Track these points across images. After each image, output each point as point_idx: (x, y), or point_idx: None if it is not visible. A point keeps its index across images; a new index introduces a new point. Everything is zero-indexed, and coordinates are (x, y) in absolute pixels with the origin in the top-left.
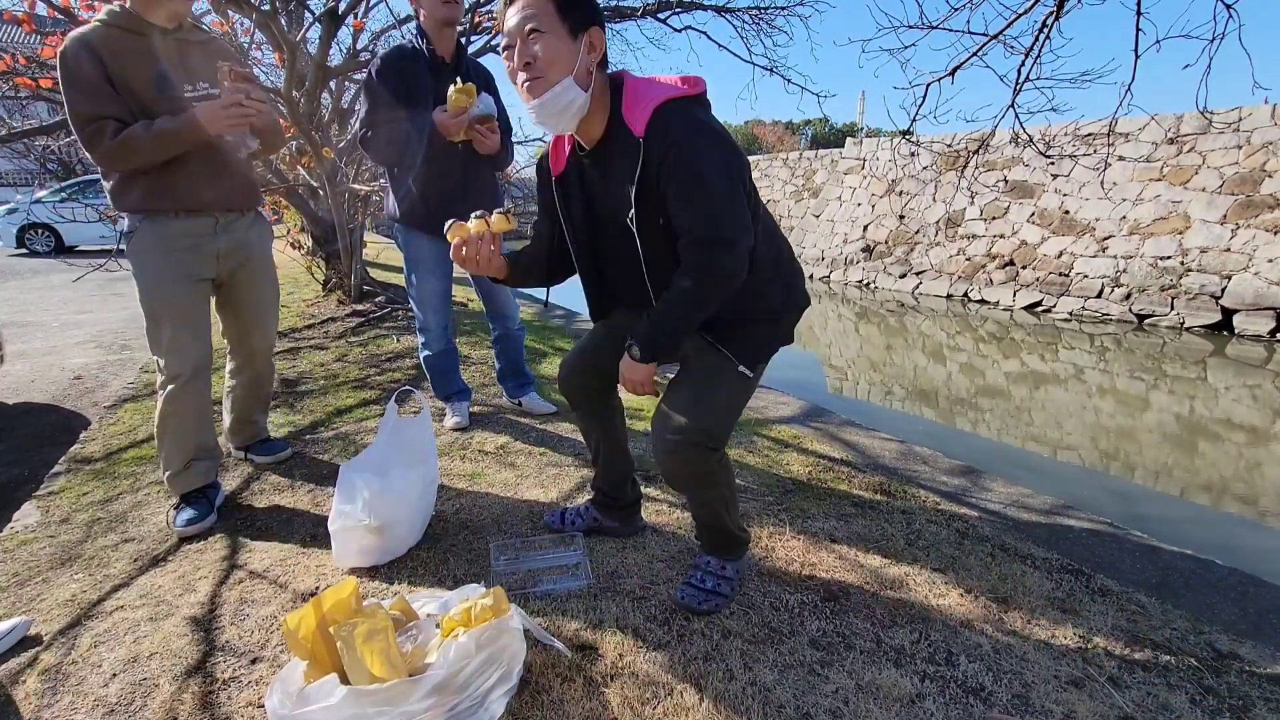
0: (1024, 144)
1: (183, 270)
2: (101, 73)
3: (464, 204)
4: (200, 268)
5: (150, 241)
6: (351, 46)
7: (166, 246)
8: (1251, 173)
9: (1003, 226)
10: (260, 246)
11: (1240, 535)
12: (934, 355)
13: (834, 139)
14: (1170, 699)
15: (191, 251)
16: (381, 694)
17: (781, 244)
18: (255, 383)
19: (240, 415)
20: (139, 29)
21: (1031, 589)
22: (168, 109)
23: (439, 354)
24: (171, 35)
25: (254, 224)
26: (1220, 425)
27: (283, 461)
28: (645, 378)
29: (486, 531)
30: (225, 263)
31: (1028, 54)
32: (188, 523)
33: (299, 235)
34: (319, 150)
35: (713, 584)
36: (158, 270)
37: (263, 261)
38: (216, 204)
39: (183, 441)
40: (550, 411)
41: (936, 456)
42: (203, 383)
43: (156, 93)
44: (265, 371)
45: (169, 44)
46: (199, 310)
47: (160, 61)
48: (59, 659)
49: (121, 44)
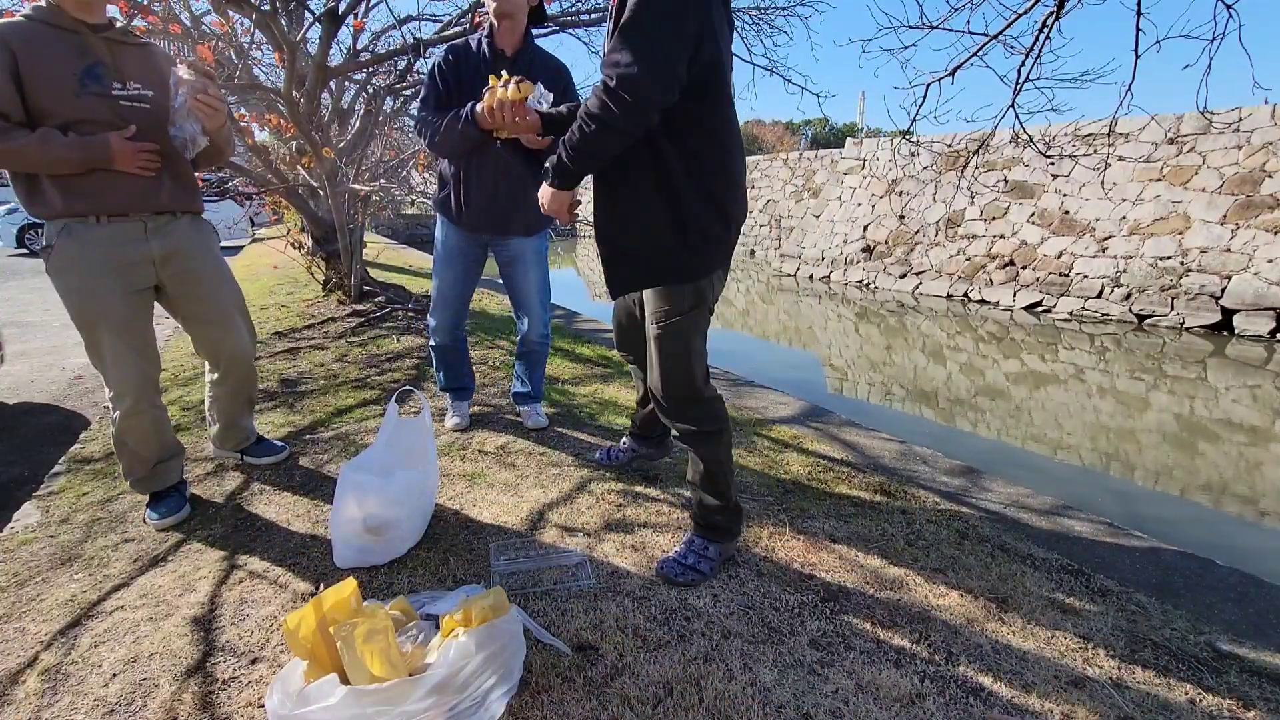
0: (1024, 144)
1: (114, 282)
2: (8, 66)
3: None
4: (134, 277)
5: (73, 255)
6: (351, 46)
7: (92, 258)
8: (1251, 173)
9: (1003, 227)
10: (202, 248)
11: (1240, 535)
12: (934, 355)
13: (834, 139)
14: (1170, 699)
15: (120, 260)
16: (381, 694)
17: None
18: (239, 389)
19: (227, 423)
20: (64, 24)
21: (1031, 589)
22: (91, 106)
23: (442, 347)
24: (102, 33)
25: (191, 226)
26: (1220, 425)
27: (281, 462)
28: (560, 206)
29: (486, 531)
30: (164, 269)
31: (1028, 54)
32: (161, 518)
33: (299, 235)
34: (319, 150)
35: (693, 560)
36: (86, 286)
37: (208, 263)
38: (144, 206)
39: (143, 452)
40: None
41: (936, 456)
42: (152, 396)
43: (80, 88)
44: (248, 376)
45: (98, 41)
46: (139, 322)
47: (88, 57)
48: (59, 659)
49: (41, 38)
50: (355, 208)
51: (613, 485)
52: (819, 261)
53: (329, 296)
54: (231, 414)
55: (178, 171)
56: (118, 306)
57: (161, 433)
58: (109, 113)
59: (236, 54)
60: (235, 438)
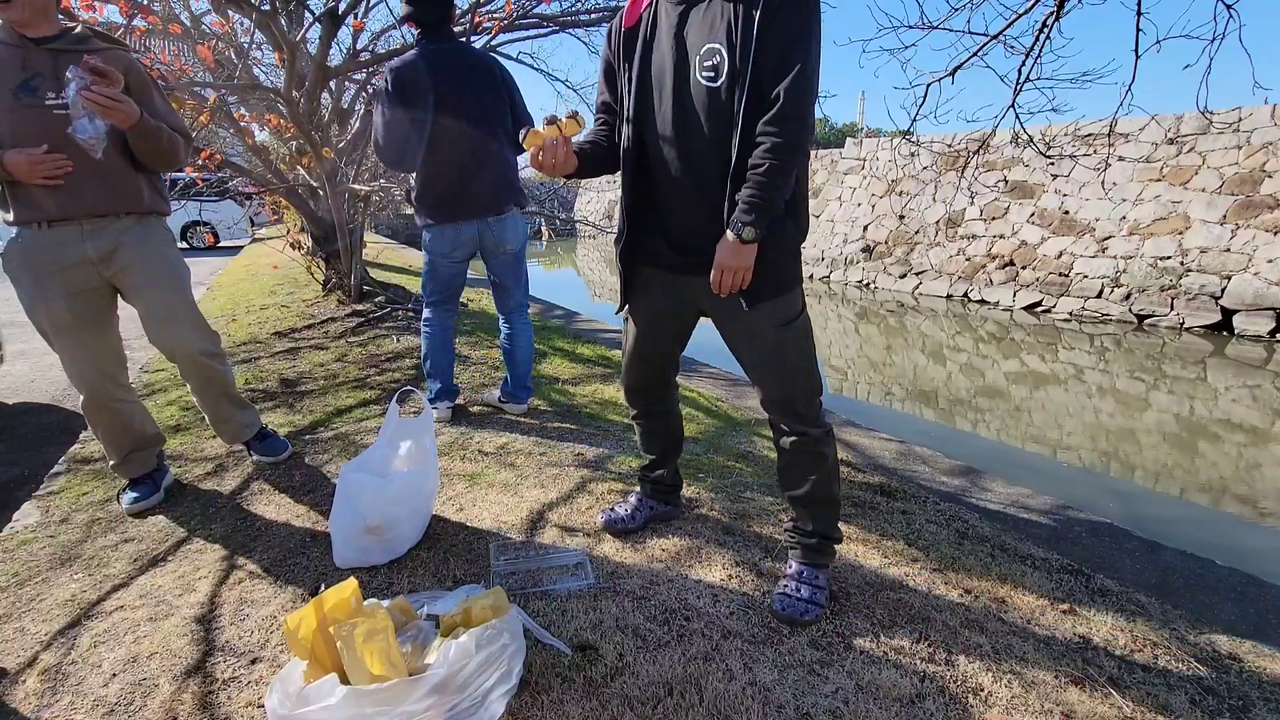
0: (1024, 144)
1: (54, 284)
2: None
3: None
4: (74, 279)
5: (19, 257)
6: (351, 46)
7: (34, 261)
8: (1251, 173)
9: (1003, 227)
10: (141, 246)
11: (1240, 535)
12: (934, 355)
13: (834, 139)
14: (1170, 699)
15: (60, 263)
16: (381, 694)
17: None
18: (200, 386)
19: (212, 417)
20: (10, 40)
21: (1031, 589)
22: (24, 118)
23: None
24: (49, 44)
25: (134, 227)
26: (1220, 425)
27: (282, 461)
28: (748, 261)
29: (486, 531)
30: (105, 269)
31: (1028, 54)
32: (133, 502)
33: (299, 235)
34: (319, 150)
35: (808, 593)
36: (30, 287)
37: (149, 260)
38: (79, 210)
39: (114, 441)
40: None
41: (936, 456)
42: (111, 390)
43: (14, 100)
44: (204, 374)
45: (40, 54)
46: (85, 321)
47: (26, 71)
48: (59, 659)
49: None
50: (355, 208)
51: (613, 485)
52: (819, 261)
53: (329, 296)
54: (211, 409)
55: (106, 174)
56: (58, 307)
57: (130, 424)
58: (40, 123)
59: (236, 54)
60: (229, 430)
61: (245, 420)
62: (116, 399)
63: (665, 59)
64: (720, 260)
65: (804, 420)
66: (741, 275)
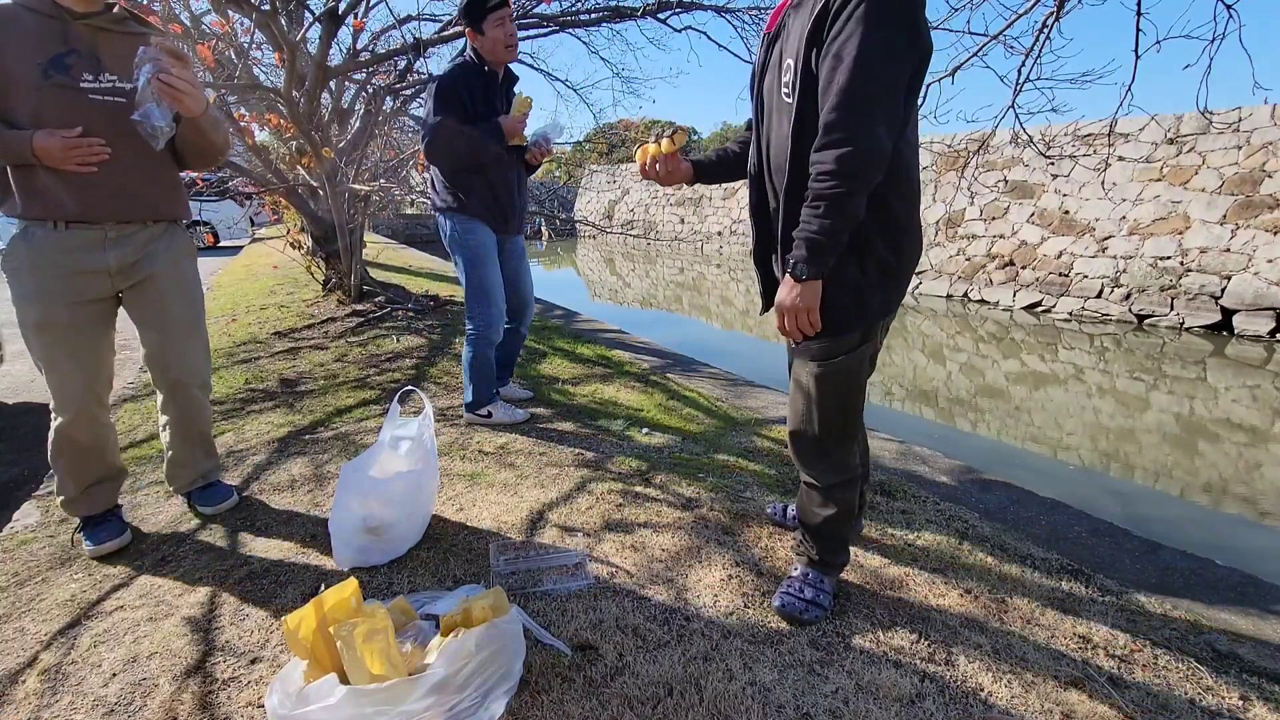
0: (1024, 144)
1: (61, 290)
2: None
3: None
4: (84, 287)
5: (24, 256)
6: (351, 46)
7: (42, 263)
8: (1251, 173)
9: (1003, 226)
10: (168, 261)
11: (1240, 535)
12: (934, 355)
13: None
14: (1170, 699)
15: (71, 268)
16: (381, 694)
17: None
18: (182, 419)
19: (174, 457)
20: (45, 10)
21: (1031, 589)
22: (52, 98)
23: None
24: (87, 20)
25: (162, 236)
26: (1220, 425)
27: (225, 511)
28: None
29: (486, 531)
30: (120, 280)
31: (1028, 54)
32: (99, 544)
33: (299, 235)
34: (319, 150)
35: (812, 594)
36: (31, 289)
37: (172, 278)
38: (108, 213)
39: (80, 472)
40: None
41: (936, 456)
42: (96, 412)
43: (42, 79)
44: (191, 407)
45: (80, 28)
46: (84, 334)
47: (61, 45)
48: (59, 659)
49: (13, 24)
50: (355, 208)
51: (613, 485)
52: None
53: (329, 296)
54: (178, 448)
55: (152, 175)
56: (59, 315)
57: (103, 453)
58: (70, 107)
59: (236, 54)
60: (183, 476)
61: (205, 468)
62: (99, 421)
63: (770, 68)
64: (778, 300)
65: (813, 467)
66: (804, 316)
